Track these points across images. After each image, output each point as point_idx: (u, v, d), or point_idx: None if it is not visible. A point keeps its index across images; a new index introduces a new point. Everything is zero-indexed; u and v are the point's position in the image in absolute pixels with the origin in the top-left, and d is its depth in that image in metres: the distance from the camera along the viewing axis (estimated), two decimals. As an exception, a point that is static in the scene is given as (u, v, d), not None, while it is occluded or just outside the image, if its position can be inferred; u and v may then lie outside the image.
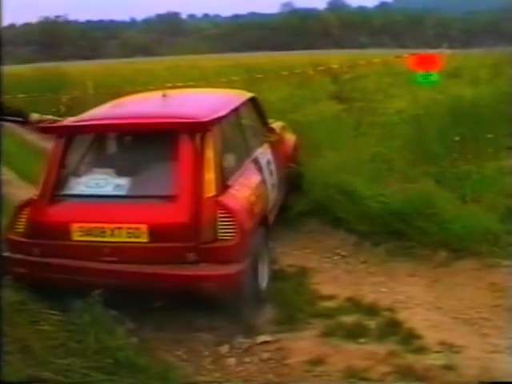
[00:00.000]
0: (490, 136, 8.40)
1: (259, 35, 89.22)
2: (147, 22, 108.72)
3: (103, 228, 5.15)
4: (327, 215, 7.35)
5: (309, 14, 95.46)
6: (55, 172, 5.49)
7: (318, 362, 4.77)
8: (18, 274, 5.35)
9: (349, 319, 5.39)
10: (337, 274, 6.44)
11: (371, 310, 5.54)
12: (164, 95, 6.32)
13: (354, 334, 5.12)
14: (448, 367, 4.55)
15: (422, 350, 4.83)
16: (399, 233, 6.66)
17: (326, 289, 6.04)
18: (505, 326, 5.15)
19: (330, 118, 10.18)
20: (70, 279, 5.13)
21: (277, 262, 6.55)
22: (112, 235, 5.13)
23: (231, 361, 4.94)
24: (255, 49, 68.23)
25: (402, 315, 5.41)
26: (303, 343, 5.06)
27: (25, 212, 5.46)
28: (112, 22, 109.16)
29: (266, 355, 4.95)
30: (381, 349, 4.87)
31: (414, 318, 5.35)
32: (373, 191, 7.05)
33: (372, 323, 5.29)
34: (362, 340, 5.04)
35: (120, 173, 5.51)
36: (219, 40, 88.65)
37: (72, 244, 5.21)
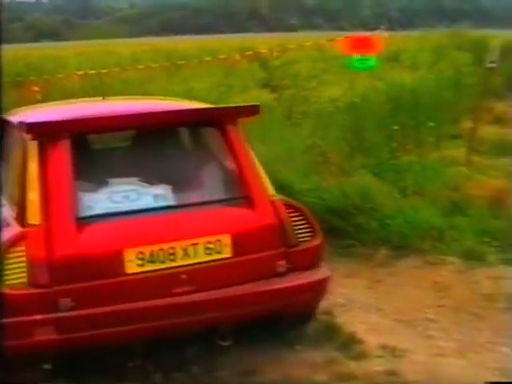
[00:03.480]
0: (431, 124, 8.60)
1: (181, 17, 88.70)
2: (54, 3, 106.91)
3: (173, 248, 4.29)
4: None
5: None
6: (66, 187, 4.27)
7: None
8: (41, 344, 4.04)
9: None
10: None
11: (308, 315, 5.54)
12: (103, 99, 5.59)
13: (289, 340, 5.07)
14: (391, 372, 4.63)
15: (363, 356, 4.88)
16: (337, 230, 6.70)
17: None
18: (450, 327, 5.30)
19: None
20: (130, 330, 4.16)
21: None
22: (185, 256, 4.31)
23: None
24: (176, 32, 67.96)
25: (341, 319, 5.43)
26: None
27: (22, 251, 4.09)
28: (15, 2, 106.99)
29: None
30: (319, 356, 4.88)
31: (354, 322, 5.41)
32: (308, 185, 7.13)
33: (309, 328, 5.22)
34: (298, 347, 5.01)
35: (149, 180, 4.62)
36: (135, 22, 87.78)
37: (128, 279, 4.21)
